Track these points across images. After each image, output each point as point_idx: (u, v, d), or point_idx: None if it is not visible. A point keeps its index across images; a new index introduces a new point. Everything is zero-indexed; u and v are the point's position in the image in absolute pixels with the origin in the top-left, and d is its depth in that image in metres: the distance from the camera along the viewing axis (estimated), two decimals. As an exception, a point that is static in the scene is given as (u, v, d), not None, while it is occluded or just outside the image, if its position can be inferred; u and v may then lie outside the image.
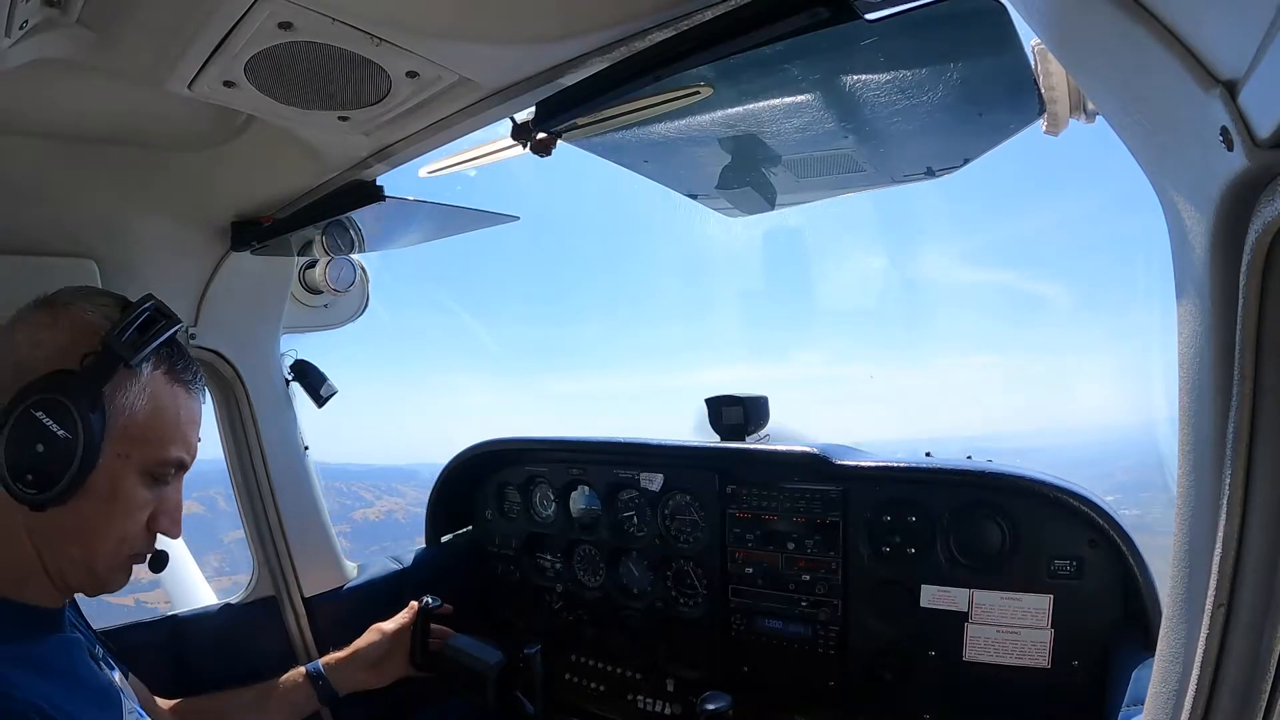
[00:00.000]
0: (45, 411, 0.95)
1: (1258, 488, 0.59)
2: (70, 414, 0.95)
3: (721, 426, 2.03)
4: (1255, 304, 0.56)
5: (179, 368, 1.11)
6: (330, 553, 2.10)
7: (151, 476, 1.08)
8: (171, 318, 1.08)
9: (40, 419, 0.94)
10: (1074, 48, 0.75)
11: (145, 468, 1.06)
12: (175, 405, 1.10)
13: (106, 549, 1.05)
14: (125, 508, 1.05)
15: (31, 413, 0.95)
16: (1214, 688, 0.64)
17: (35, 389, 0.96)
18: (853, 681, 1.78)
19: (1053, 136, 1.07)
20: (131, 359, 1.02)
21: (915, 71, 1.03)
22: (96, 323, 1.04)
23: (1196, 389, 0.66)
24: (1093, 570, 1.49)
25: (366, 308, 2.26)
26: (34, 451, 0.94)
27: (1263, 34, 0.47)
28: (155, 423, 1.06)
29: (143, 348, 1.03)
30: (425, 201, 1.57)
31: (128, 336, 1.02)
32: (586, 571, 2.23)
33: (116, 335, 1.01)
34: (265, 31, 0.92)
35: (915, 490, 1.70)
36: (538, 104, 1.13)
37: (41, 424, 0.94)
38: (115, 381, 1.01)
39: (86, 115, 1.28)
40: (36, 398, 0.95)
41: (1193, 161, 0.61)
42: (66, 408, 0.95)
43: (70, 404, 0.96)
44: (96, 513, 1.02)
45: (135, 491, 1.06)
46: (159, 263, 1.72)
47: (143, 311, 1.05)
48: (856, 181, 1.55)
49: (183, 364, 1.12)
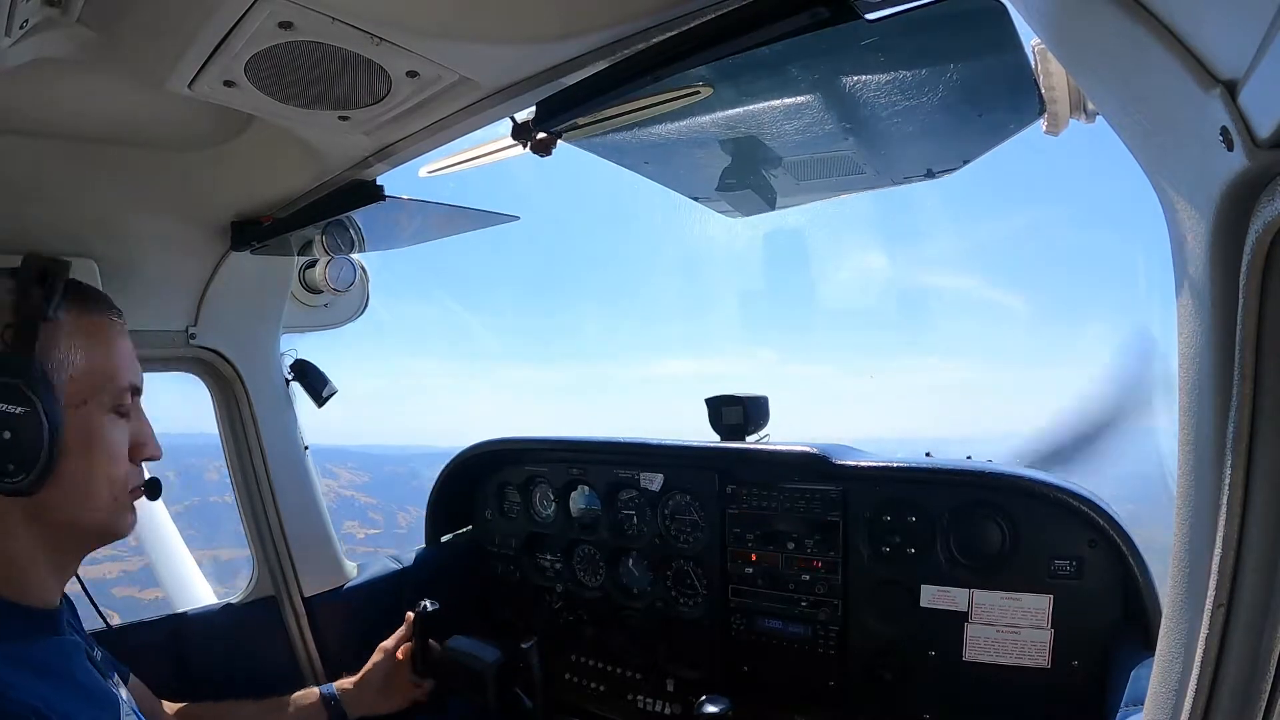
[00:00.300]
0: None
1: (1258, 488, 0.59)
2: (16, 389, 0.95)
3: (721, 426, 2.03)
4: (1255, 304, 0.56)
5: (89, 303, 1.11)
6: (330, 552, 2.10)
7: (115, 412, 1.09)
8: (58, 263, 1.06)
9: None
10: (1074, 48, 0.75)
11: (106, 406, 1.07)
12: (104, 338, 1.10)
13: (105, 496, 1.07)
14: (105, 450, 1.07)
15: None
16: (1214, 687, 0.64)
17: None
18: (853, 681, 1.78)
19: (1053, 136, 1.07)
20: (47, 313, 1.02)
21: (915, 72, 1.03)
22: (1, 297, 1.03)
23: (1196, 389, 0.66)
24: (1093, 570, 1.50)
25: (366, 307, 2.26)
26: (3, 440, 0.94)
27: (1263, 34, 0.47)
28: (95, 362, 1.07)
29: (50, 299, 1.03)
30: (425, 201, 1.57)
31: (32, 296, 1.01)
32: (586, 571, 2.23)
33: (24, 299, 1.01)
34: (265, 31, 0.92)
35: (915, 490, 1.70)
36: (538, 104, 1.13)
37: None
38: (41, 342, 1.00)
39: (86, 115, 1.28)
40: None
41: (1193, 161, 0.61)
42: (11, 385, 0.95)
43: (13, 380, 0.95)
44: (81, 467, 1.03)
45: (108, 431, 1.07)
46: (159, 262, 1.72)
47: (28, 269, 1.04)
48: (856, 183, 1.55)
49: (92, 300, 1.12)
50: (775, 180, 1.47)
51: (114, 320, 1.14)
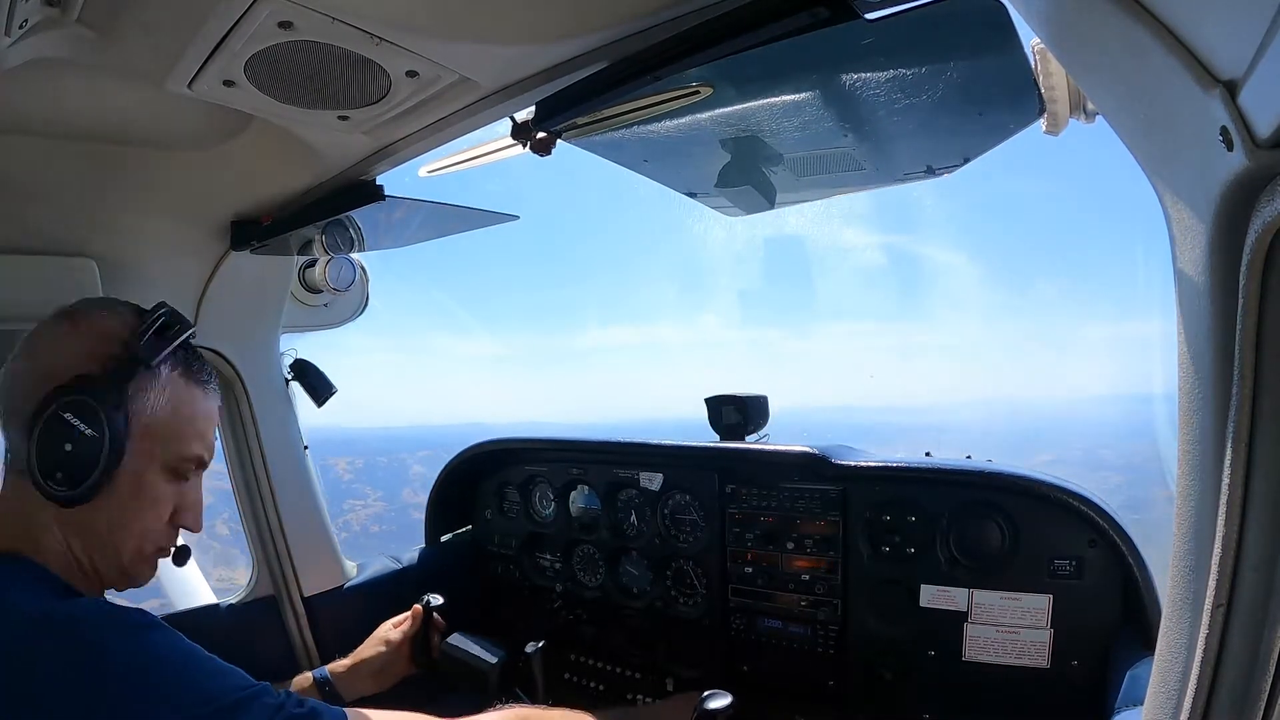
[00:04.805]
0: (73, 412, 0.99)
1: (1257, 487, 0.60)
2: (96, 414, 1.00)
3: (720, 426, 2.03)
4: (1255, 304, 0.56)
5: (195, 369, 1.17)
6: (330, 552, 2.10)
7: (173, 473, 1.13)
8: (185, 323, 1.15)
9: (68, 419, 0.99)
10: (1074, 48, 0.75)
11: (167, 464, 1.11)
12: (193, 404, 1.15)
13: (132, 544, 1.10)
14: (149, 503, 1.10)
15: (60, 414, 0.99)
16: (1213, 687, 0.64)
17: (62, 392, 1.00)
18: (852, 681, 1.78)
19: (1053, 136, 1.07)
20: (151, 360, 1.08)
21: (915, 71, 1.03)
22: (116, 328, 1.09)
23: (1196, 388, 0.66)
24: (1092, 570, 1.49)
25: (366, 307, 2.26)
26: (63, 451, 0.99)
27: (1263, 34, 0.47)
28: (175, 421, 1.12)
29: (161, 350, 1.09)
30: (425, 201, 1.57)
31: (146, 340, 1.08)
32: (586, 571, 2.23)
33: (136, 339, 1.08)
34: (265, 31, 0.92)
35: (915, 490, 1.70)
36: (538, 103, 1.13)
37: (69, 424, 0.99)
38: (136, 383, 1.06)
39: (86, 115, 1.28)
40: (64, 399, 1.00)
41: (1193, 161, 0.61)
42: (92, 408, 1.00)
43: (95, 404, 1.00)
44: (122, 509, 1.07)
45: (158, 487, 1.11)
46: (159, 262, 1.72)
47: (159, 317, 1.12)
48: (856, 180, 1.55)
49: (198, 365, 1.18)
50: (775, 178, 1.47)
51: (209, 391, 1.19)
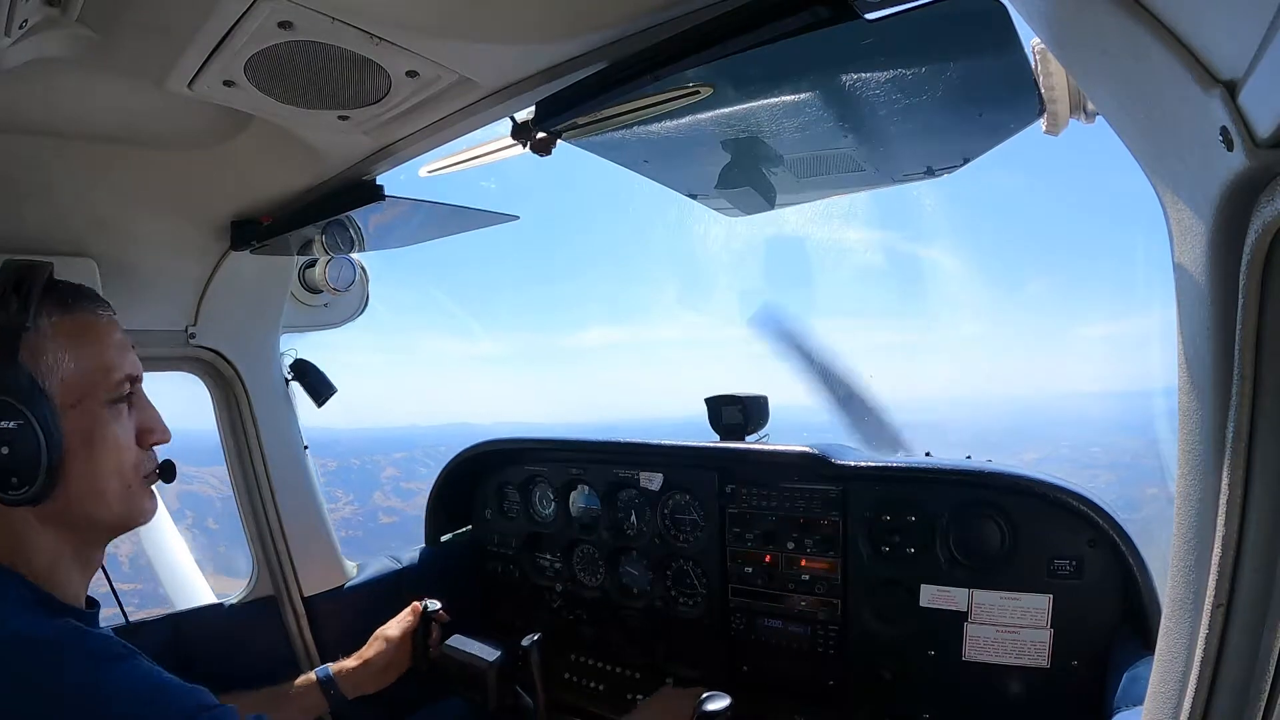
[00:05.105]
0: None
1: (1257, 487, 0.60)
2: (9, 405, 0.95)
3: (720, 426, 2.03)
4: (1255, 304, 0.56)
5: (70, 302, 1.08)
6: (330, 552, 2.10)
7: (113, 404, 1.08)
8: (37, 266, 1.05)
9: None
10: (1074, 48, 0.75)
11: (103, 403, 1.06)
12: (92, 334, 1.08)
13: (116, 488, 1.07)
14: (110, 445, 1.06)
15: None
16: (1213, 687, 0.64)
17: None
18: (852, 681, 1.78)
19: (1053, 136, 1.07)
20: (25, 322, 1.00)
21: (915, 71, 1.03)
22: None
23: (1196, 389, 0.66)
24: (1092, 570, 1.50)
25: (366, 307, 2.26)
26: (4, 456, 0.94)
27: (1263, 34, 0.47)
28: (84, 361, 1.05)
29: (28, 306, 1.01)
30: (425, 201, 1.57)
31: (9, 306, 1.00)
32: (586, 571, 2.23)
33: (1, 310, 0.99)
34: (265, 31, 0.92)
35: (915, 490, 1.70)
36: (538, 104, 1.13)
37: None
38: (26, 351, 0.99)
39: (86, 115, 1.28)
40: None
41: (1193, 161, 0.61)
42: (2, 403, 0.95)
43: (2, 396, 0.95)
44: (87, 465, 1.03)
45: (108, 426, 1.06)
46: (158, 262, 1.72)
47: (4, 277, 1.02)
48: (856, 181, 1.55)
49: (72, 296, 1.09)
50: (775, 178, 1.47)
51: (99, 315, 1.11)
